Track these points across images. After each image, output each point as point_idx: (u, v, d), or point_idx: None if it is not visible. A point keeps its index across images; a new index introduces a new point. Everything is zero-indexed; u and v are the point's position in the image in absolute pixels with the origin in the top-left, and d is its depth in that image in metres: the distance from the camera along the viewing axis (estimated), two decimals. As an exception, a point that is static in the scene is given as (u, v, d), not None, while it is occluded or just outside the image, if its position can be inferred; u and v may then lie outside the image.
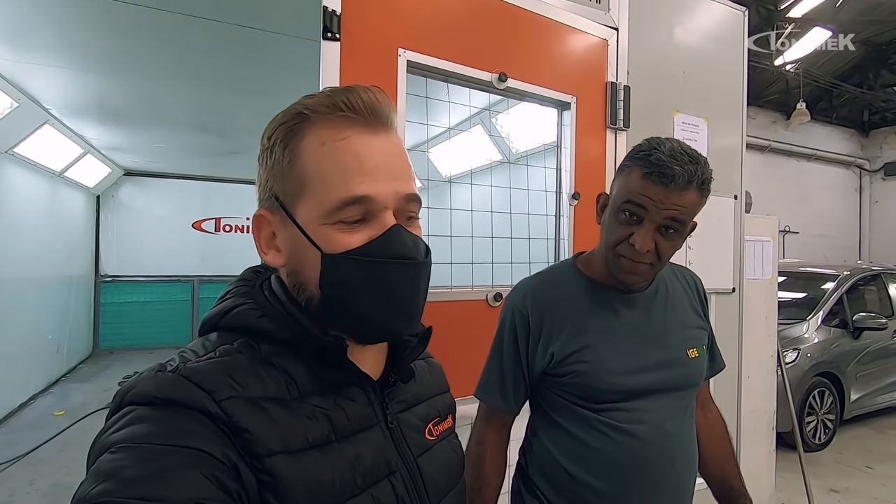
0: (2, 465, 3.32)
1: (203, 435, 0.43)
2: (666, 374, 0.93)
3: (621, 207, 0.87)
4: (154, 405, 0.44)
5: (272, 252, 0.55)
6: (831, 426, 4.14)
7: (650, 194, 0.83)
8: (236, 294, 0.57)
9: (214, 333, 0.55)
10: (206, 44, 2.97)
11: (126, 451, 0.41)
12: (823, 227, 9.85)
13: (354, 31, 1.25)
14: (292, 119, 0.52)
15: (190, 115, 4.41)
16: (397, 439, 0.58)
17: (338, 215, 0.50)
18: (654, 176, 0.82)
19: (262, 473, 0.45)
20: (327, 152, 0.51)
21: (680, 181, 0.81)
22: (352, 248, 0.51)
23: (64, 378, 5.66)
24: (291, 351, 0.52)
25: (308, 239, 0.51)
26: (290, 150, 0.51)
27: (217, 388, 0.46)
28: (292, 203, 0.52)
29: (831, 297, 4.34)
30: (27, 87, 3.71)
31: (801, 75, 8.37)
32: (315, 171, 0.51)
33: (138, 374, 0.48)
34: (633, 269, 0.87)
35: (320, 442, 0.50)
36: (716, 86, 1.98)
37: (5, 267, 4.28)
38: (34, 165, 4.75)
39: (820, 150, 9.73)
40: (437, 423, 0.65)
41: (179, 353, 0.51)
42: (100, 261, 6.90)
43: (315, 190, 0.51)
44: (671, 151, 0.83)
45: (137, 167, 6.90)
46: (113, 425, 0.44)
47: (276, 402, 0.49)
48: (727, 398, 1.96)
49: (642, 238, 0.84)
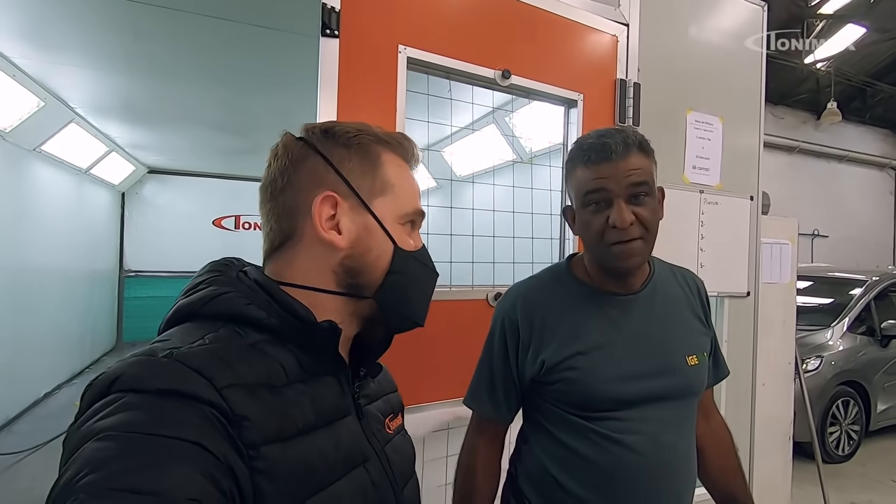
0: (24, 453, 3.44)
1: (199, 427, 0.42)
2: (663, 382, 0.89)
3: (584, 201, 0.87)
4: (146, 392, 0.42)
5: (332, 232, 0.58)
6: (856, 437, 3.99)
7: (601, 174, 0.85)
8: (213, 283, 0.56)
9: (192, 322, 0.53)
10: (223, 44, 3.02)
11: (116, 441, 0.38)
12: (855, 231, 9.51)
13: (353, 28, 1.24)
14: (370, 134, 0.62)
15: (209, 114, 4.50)
16: (366, 429, 0.60)
17: (407, 218, 0.63)
18: (594, 157, 0.85)
19: (258, 461, 0.45)
20: (404, 173, 0.64)
21: (619, 149, 0.84)
22: (411, 249, 0.63)
23: (87, 370, 5.84)
24: (277, 338, 0.54)
25: (385, 231, 0.60)
26: (373, 156, 0.61)
27: (216, 374, 0.45)
28: (370, 197, 0.60)
29: (858, 304, 4.18)
30: (53, 86, 3.82)
31: (832, 73, 8.10)
32: (397, 181, 0.62)
33: (122, 361, 0.45)
34: (628, 252, 0.85)
35: (308, 428, 0.51)
36: (732, 83, 1.92)
37: (33, 261, 4.43)
38: (61, 163, 4.90)
39: (852, 151, 9.40)
40: (392, 418, 0.68)
41: (160, 340, 0.49)
42: (124, 256, 7.09)
43: (395, 195, 0.61)
44: (595, 134, 0.88)
45: (161, 165, 7.07)
46: (98, 412, 0.41)
47: (267, 389, 0.49)
48: (740, 405, 1.90)
49: (619, 213, 0.83)
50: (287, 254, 0.60)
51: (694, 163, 1.80)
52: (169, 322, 0.55)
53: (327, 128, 0.62)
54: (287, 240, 0.60)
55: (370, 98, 1.28)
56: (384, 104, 1.29)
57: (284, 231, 0.59)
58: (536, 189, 1.61)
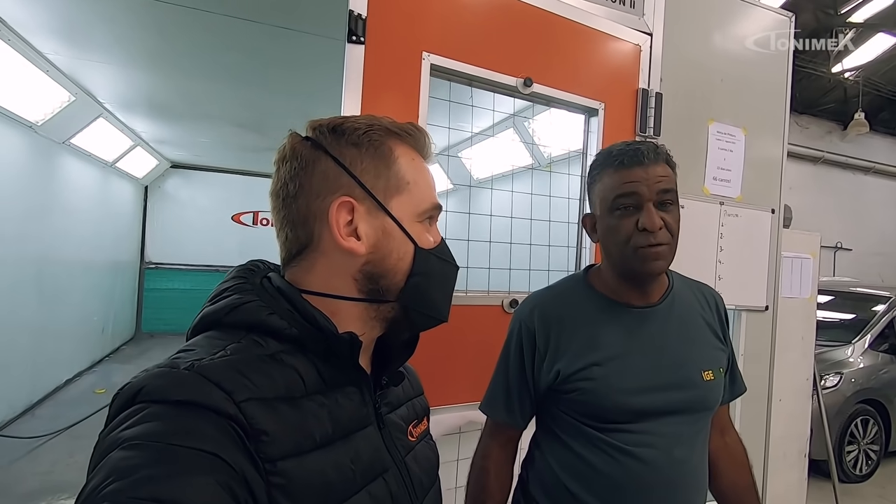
0: (45, 437, 3.54)
1: (217, 439, 0.42)
2: (677, 396, 0.88)
3: (614, 205, 0.88)
4: (168, 403, 0.43)
5: (351, 239, 0.57)
6: (875, 457, 3.89)
7: (632, 178, 0.86)
8: (238, 290, 0.56)
9: (215, 330, 0.54)
10: (248, 44, 3.07)
11: (139, 450, 0.40)
12: (881, 245, 9.26)
13: (379, 35, 1.26)
14: (381, 128, 0.59)
15: (230, 112, 4.58)
16: (387, 439, 0.60)
17: (425, 215, 0.61)
18: (626, 162, 0.87)
19: (275, 476, 0.45)
20: (418, 166, 0.61)
21: (650, 155, 0.86)
22: (431, 246, 0.61)
23: (107, 358, 5.97)
24: (298, 348, 0.53)
25: (404, 232, 0.58)
26: (386, 153, 0.59)
27: (235, 388, 0.45)
28: (386, 198, 0.58)
29: (881, 321, 4.08)
30: (84, 82, 3.93)
31: (860, 83, 7.91)
32: (411, 176, 0.60)
33: (145, 372, 0.46)
34: (654, 255, 0.86)
35: (326, 441, 0.50)
36: (756, 94, 1.90)
37: (60, 251, 4.55)
38: (88, 156, 5.03)
39: (879, 164, 9.16)
40: (416, 424, 0.67)
41: (184, 350, 0.50)
42: (145, 248, 7.24)
43: (411, 192, 0.59)
44: (622, 144, 0.90)
45: (183, 160, 7.21)
46: (123, 422, 0.42)
47: (286, 402, 0.49)
48: (755, 421, 1.88)
49: (649, 217, 0.84)
50: (306, 262, 0.58)
51: (715, 174, 1.79)
52: (196, 329, 0.56)
53: (335, 125, 0.59)
54: (304, 248, 0.58)
55: (393, 103, 1.29)
56: (407, 110, 1.31)
57: (301, 239, 0.58)
58: (555, 197, 1.61)
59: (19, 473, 3.05)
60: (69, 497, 2.80)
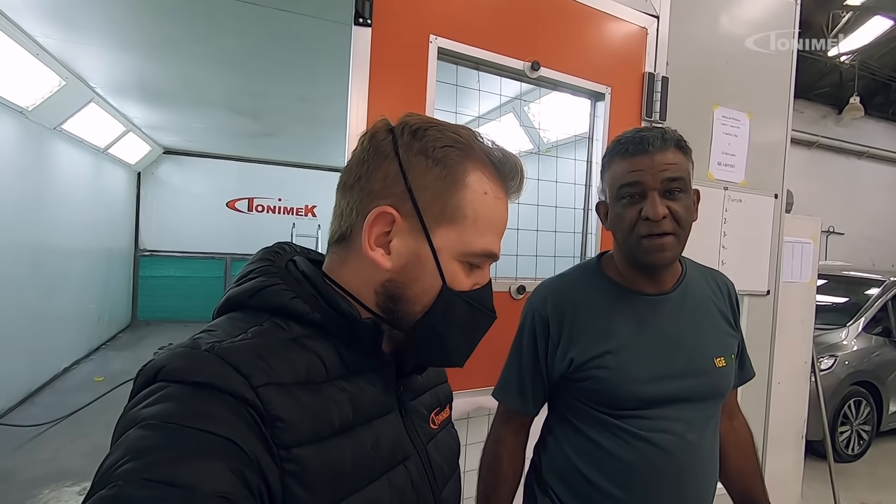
0: (46, 425, 3.54)
1: (233, 423, 0.42)
2: (690, 383, 0.89)
3: (619, 194, 0.88)
4: (187, 384, 0.43)
5: (380, 251, 0.54)
6: (866, 437, 3.98)
7: (636, 166, 0.86)
8: (263, 273, 0.56)
9: (239, 312, 0.54)
10: (246, 27, 3.01)
11: (156, 430, 0.40)
12: (873, 230, 9.34)
13: (386, 17, 1.24)
14: (465, 146, 0.55)
15: (226, 96, 4.50)
16: (409, 426, 0.59)
17: (470, 258, 0.55)
18: (630, 150, 0.86)
19: (289, 462, 0.44)
20: (489, 202, 0.55)
21: (656, 142, 0.85)
22: (464, 288, 0.56)
23: (104, 346, 5.95)
24: (320, 333, 0.53)
25: (437, 265, 0.54)
26: (456, 176, 0.54)
27: (253, 372, 0.45)
28: (434, 223, 0.54)
29: (875, 304, 4.14)
30: (74, 66, 3.85)
31: (856, 67, 7.90)
32: (472, 211, 0.54)
33: (169, 350, 0.46)
34: (659, 246, 0.85)
35: (345, 426, 0.50)
36: (761, 79, 1.89)
37: (54, 238, 4.50)
38: (80, 142, 4.95)
39: (873, 148, 9.19)
40: (438, 412, 0.66)
41: (207, 331, 0.50)
42: (139, 235, 7.18)
43: (465, 227, 0.54)
44: (633, 130, 0.90)
45: (177, 146, 7.11)
46: (143, 400, 0.43)
47: (305, 387, 0.48)
48: (755, 404, 1.90)
49: (652, 206, 0.84)
50: (341, 253, 0.58)
51: (719, 159, 1.78)
52: (220, 310, 0.55)
53: (419, 127, 0.55)
54: (343, 239, 0.57)
55: (401, 87, 1.28)
56: (414, 93, 1.29)
57: (342, 230, 0.57)
58: (561, 183, 1.60)
59: (22, 461, 3.06)
60: (73, 484, 2.81)
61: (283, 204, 7.88)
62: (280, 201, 7.85)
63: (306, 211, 7.99)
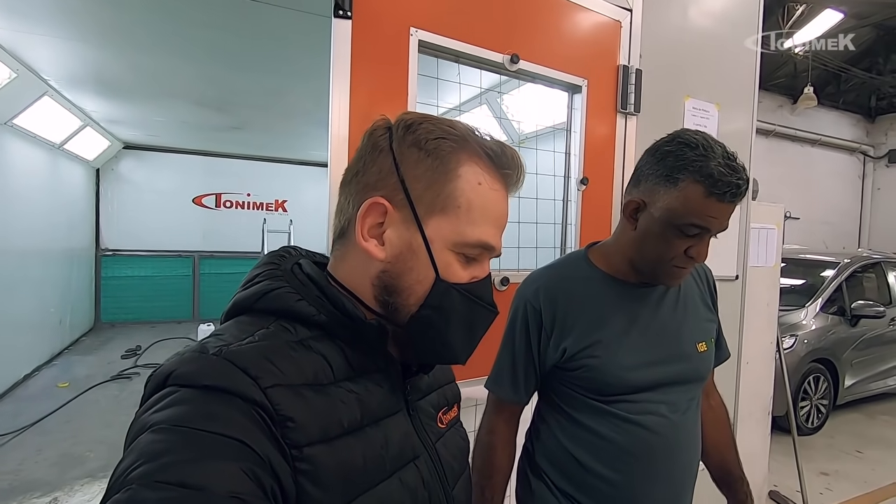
0: (10, 435, 3.38)
1: (243, 425, 0.42)
2: (675, 369, 0.93)
3: (681, 224, 0.83)
4: (196, 388, 0.44)
5: (373, 242, 0.54)
6: (824, 411, 4.21)
7: (714, 213, 0.82)
8: (269, 276, 0.56)
9: (246, 316, 0.54)
10: (204, 17, 2.90)
11: (168, 433, 0.40)
12: (826, 214, 9.83)
13: (366, 9, 1.23)
14: (458, 138, 0.55)
15: (189, 89, 4.34)
16: (417, 425, 0.60)
17: (465, 249, 0.55)
18: (717, 195, 0.80)
19: (301, 462, 0.45)
20: (483, 193, 0.55)
21: (742, 194, 0.82)
22: (460, 280, 0.55)
23: (67, 350, 5.70)
24: (326, 335, 0.53)
25: (430, 256, 0.54)
26: (448, 166, 0.54)
27: (262, 374, 0.45)
28: (426, 213, 0.54)
29: (831, 285, 4.36)
30: (26, 57, 3.64)
31: (809, 59, 8.24)
32: (466, 201, 0.54)
33: (179, 355, 0.47)
34: (683, 275, 0.89)
35: (354, 427, 0.50)
36: (728, 70, 1.96)
37: (8, 239, 4.28)
38: (34, 137, 4.70)
39: (825, 136, 9.64)
40: (446, 411, 0.67)
41: (215, 335, 0.50)
42: (100, 234, 6.88)
43: (458, 217, 0.54)
44: (724, 159, 0.80)
45: (138, 141, 6.83)
46: (154, 405, 0.43)
47: (313, 388, 0.49)
48: (727, 384, 1.99)
49: (703, 249, 0.85)
50: (341, 249, 0.58)
51: (691, 149, 1.84)
52: (227, 314, 0.56)
53: (412, 122, 0.55)
54: (342, 235, 0.58)
55: (382, 80, 1.27)
56: (395, 86, 1.28)
57: (341, 225, 0.58)
58: (541, 174, 1.63)
59: (-16, 473, 2.92)
60: (42, 495, 2.70)
61: (253, 199, 7.68)
62: (249, 196, 7.66)
63: (277, 206, 7.81)
